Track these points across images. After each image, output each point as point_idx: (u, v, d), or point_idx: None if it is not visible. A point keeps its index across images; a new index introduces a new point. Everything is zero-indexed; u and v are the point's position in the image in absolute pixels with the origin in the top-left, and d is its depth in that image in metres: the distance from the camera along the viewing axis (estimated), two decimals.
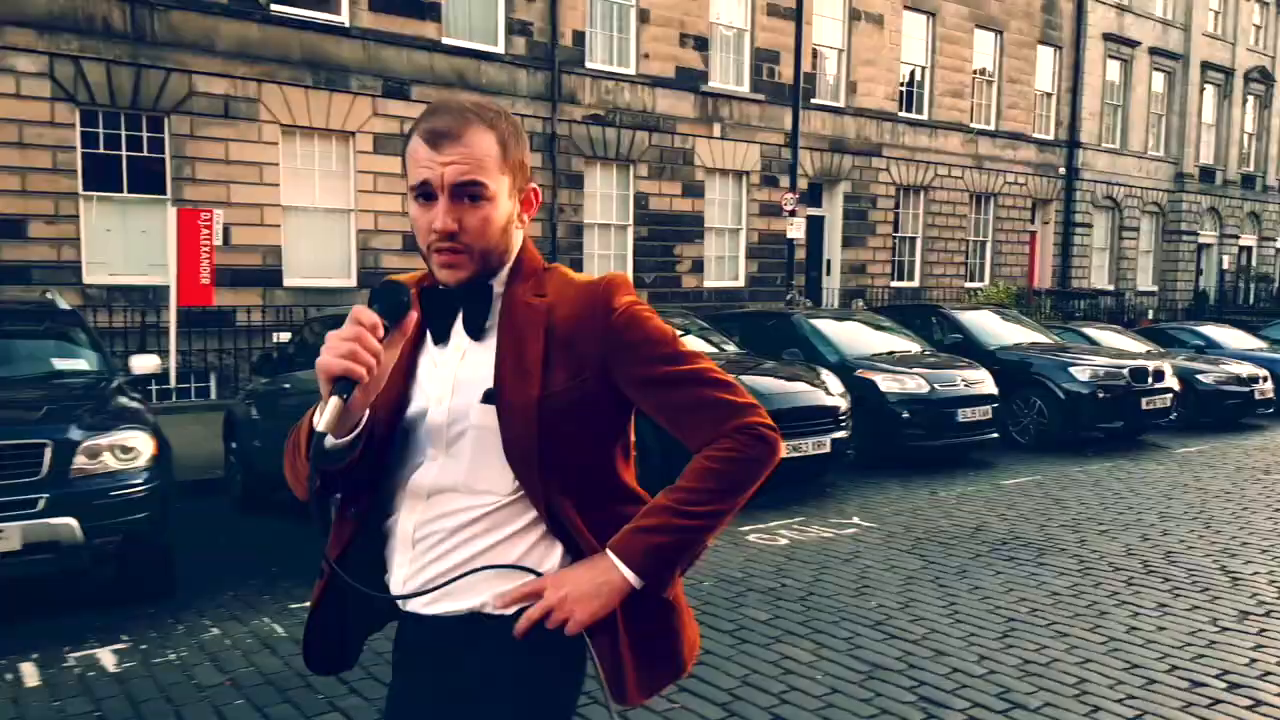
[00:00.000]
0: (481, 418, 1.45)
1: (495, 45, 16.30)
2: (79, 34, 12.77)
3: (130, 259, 13.60)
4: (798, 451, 6.87)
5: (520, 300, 1.49)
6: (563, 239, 17.28)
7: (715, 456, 1.44)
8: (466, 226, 1.43)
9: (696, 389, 1.46)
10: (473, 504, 1.47)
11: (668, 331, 1.49)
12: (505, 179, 1.46)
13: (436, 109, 1.45)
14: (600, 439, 1.51)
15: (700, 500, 1.42)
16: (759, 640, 4.24)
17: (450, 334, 1.51)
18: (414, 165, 1.44)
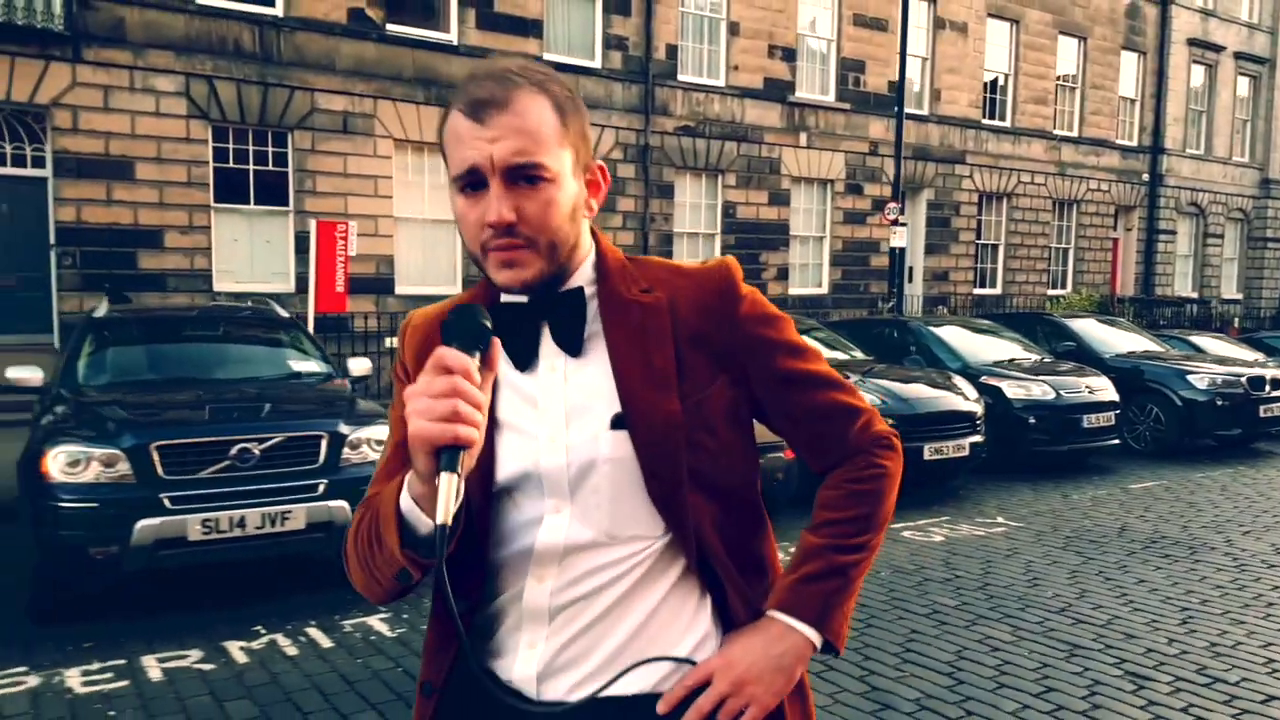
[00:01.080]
0: (615, 448, 1.19)
1: (593, 60, 16.82)
2: (213, 55, 13.55)
3: (254, 268, 14.35)
4: (940, 454, 7.18)
5: (626, 298, 1.23)
6: (654, 247, 17.70)
7: (863, 477, 1.26)
8: (527, 215, 1.15)
9: (825, 391, 1.28)
10: (620, 556, 1.20)
11: (784, 317, 1.31)
12: (567, 153, 1.17)
13: (475, 75, 1.20)
14: (741, 453, 1.27)
15: (860, 530, 1.24)
16: (958, 623, 4.58)
17: (536, 354, 1.23)
18: (455, 148, 1.19)
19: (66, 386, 5.03)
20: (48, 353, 12.89)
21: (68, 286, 12.99)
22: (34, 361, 10.86)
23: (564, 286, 1.23)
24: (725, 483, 1.24)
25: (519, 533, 1.21)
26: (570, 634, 1.20)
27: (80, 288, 13.04)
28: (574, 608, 1.20)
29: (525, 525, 1.20)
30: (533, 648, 1.22)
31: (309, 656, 4.18)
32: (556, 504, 1.20)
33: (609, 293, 1.24)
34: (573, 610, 1.20)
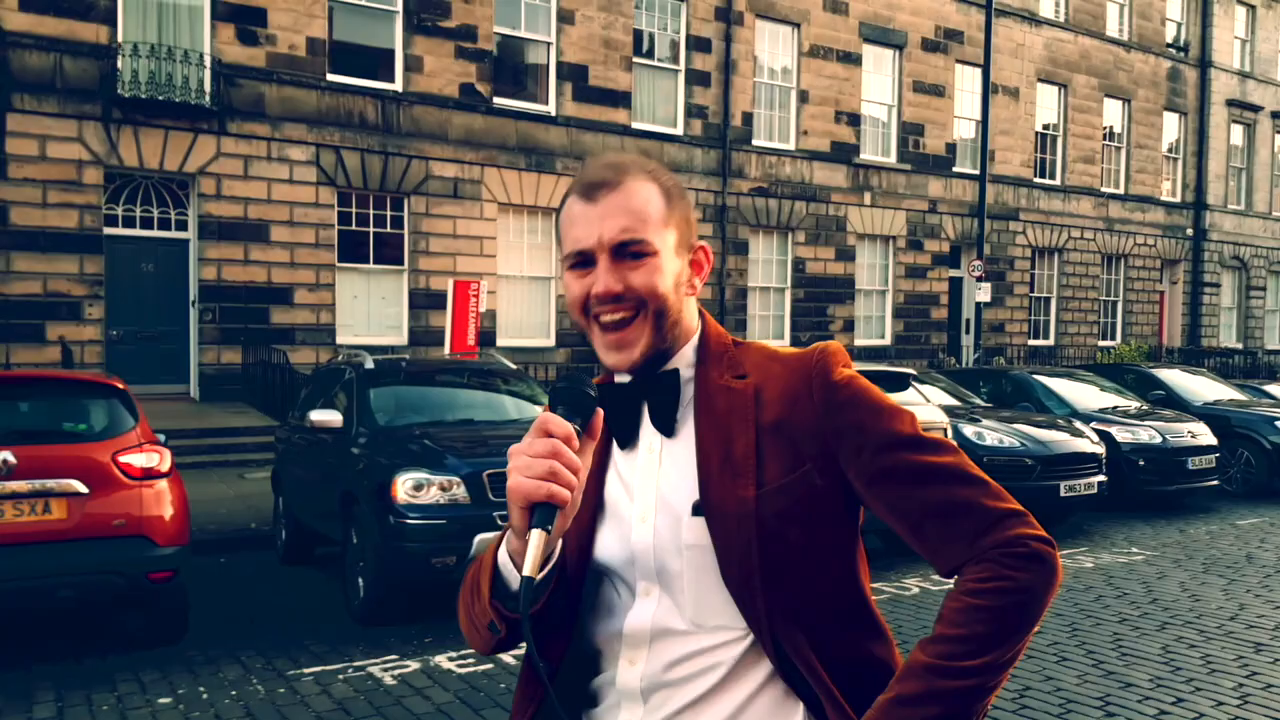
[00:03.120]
0: (695, 535, 1.19)
1: (675, 128, 17.96)
2: (340, 127, 14.73)
3: (371, 322, 15.37)
4: (1073, 491, 7.98)
5: (717, 384, 1.24)
6: (729, 301, 18.66)
7: (982, 589, 1.12)
8: (632, 284, 1.19)
9: (947, 487, 1.17)
10: (707, 646, 1.19)
11: (905, 412, 1.23)
12: (671, 233, 1.23)
13: (591, 163, 1.27)
14: (834, 549, 1.21)
15: (971, 652, 1.11)
16: (1148, 627, 5.36)
17: (638, 434, 1.26)
18: (568, 229, 1.24)
19: (366, 425, 5.92)
20: (185, 401, 13.89)
21: (208, 340, 14.03)
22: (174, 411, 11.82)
23: (665, 366, 1.24)
24: (812, 580, 1.18)
25: (613, 613, 1.23)
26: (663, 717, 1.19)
27: (219, 341, 14.09)
28: (664, 692, 1.19)
29: (619, 606, 1.23)
30: None
31: None
32: (646, 587, 1.21)
33: (703, 378, 1.25)
34: (664, 694, 1.19)
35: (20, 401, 4.91)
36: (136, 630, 5.20)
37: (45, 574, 4.45)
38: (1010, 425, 8.31)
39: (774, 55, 19.14)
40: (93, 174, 13.15)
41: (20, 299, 12.73)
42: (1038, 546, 1.14)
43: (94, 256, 13.19)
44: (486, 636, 1.21)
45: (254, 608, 5.94)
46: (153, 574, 4.66)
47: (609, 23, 16.97)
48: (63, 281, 13.00)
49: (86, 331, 13.10)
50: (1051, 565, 1.15)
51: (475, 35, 15.70)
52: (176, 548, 4.79)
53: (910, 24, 20.60)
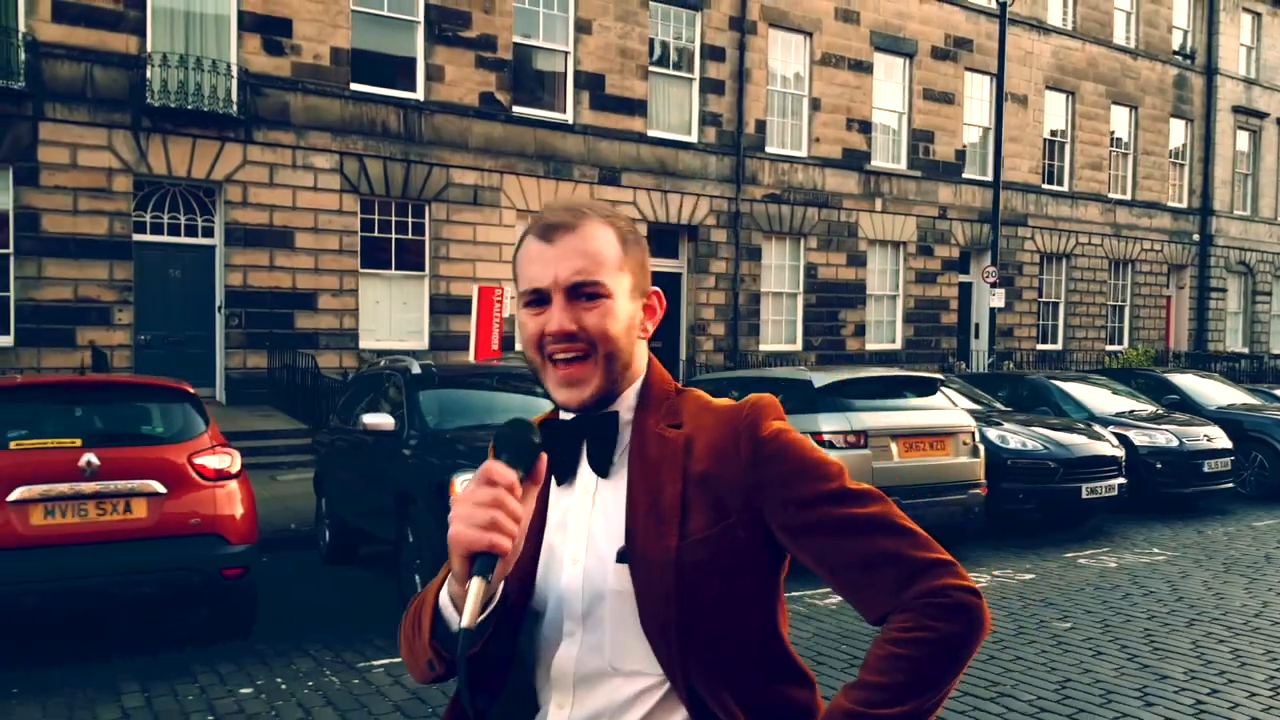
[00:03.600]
0: (618, 581, 1.21)
1: (690, 135, 18.19)
2: (363, 135, 14.96)
3: (393, 327, 15.60)
4: (1094, 494, 8.18)
5: (652, 432, 1.26)
6: (743, 306, 18.87)
7: (902, 639, 1.13)
8: (585, 324, 1.22)
9: (873, 537, 1.17)
10: (628, 692, 1.21)
11: (831, 463, 1.23)
12: (625, 277, 1.26)
13: (550, 207, 1.30)
14: (753, 600, 1.23)
15: (891, 700, 1.12)
16: (1178, 623, 5.57)
17: (576, 472, 1.28)
18: (524, 267, 1.26)
19: (417, 427, 6.13)
20: (211, 405, 14.09)
21: (234, 345, 14.25)
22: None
23: (609, 408, 1.27)
24: (730, 630, 1.20)
25: (543, 650, 1.25)
26: None
27: (245, 346, 14.31)
28: None
29: (548, 643, 1.24)
30: None
31: None
32: (571, 627, 1.23)
33: (640, 425, 1.27)
34: None
35: (99, 405, 5.12)
36: (204, 625, 5.41)
37: (128, 570, 4.66)
38: (1032, 429, 8.51)
39: (787, 64, 19.37)
40: (122, 182, 13.38)
41: (52, 304, 12.96)
42: (962, 597, 1.15)
43: (123, 263, 13.41)
44: (424, 671, 1.23)
45: (307, 605, 6.15)
46: (226, 570, 4.87)
47: (625, 32, 17.20)
48: (93, 287, 13.23)
49: (116, 336, 13.32)
50: (975, 615, 1.15)
51: (495, 45, 15.94)
52: (247, 545, 5.00)
53: (920, 32, 20.83)
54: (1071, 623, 5.60)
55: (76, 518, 4.57)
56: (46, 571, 4.50)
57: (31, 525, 4.49)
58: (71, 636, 5.35)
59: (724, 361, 18.48)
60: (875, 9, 20.15)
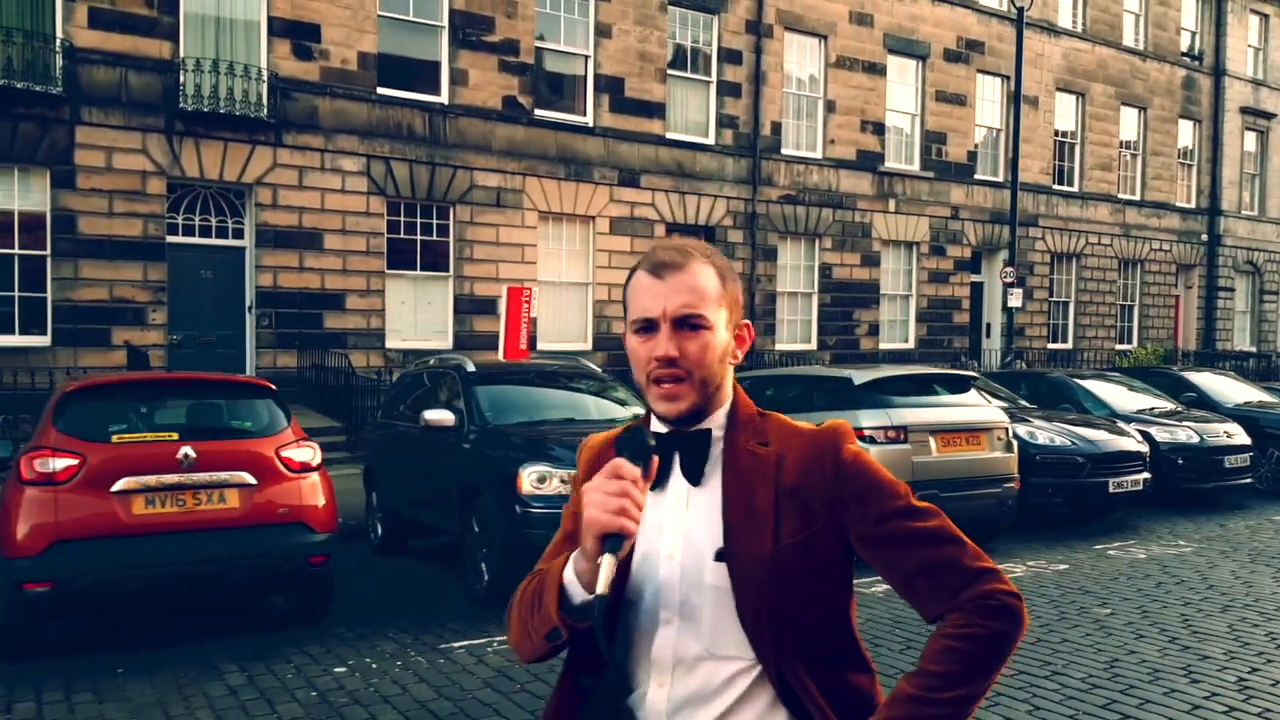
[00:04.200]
0: (716, 577, 1.38)
1: (707, 137, 18.43)
2: (389, 139, 15.21)
3: (418, 327, 15.85)
4: (1121, 488, 8.43)
5: (744, 448, 1.44)
6: (759, 306, 19.11)
7: (957, 634, 1.33)
8: (686, 353, 1.40)
9: (932, 548, 1.37)
10: (723, 674, 1.38)
11: (899, 484, 1.43)
12: (723, 311, 1.45)
13: (660, 248, 1.48)
14: (832, 596, 1.42)
15: (946, 685, 1.31)
16: (1212, 609, 5.83)
17: (668, 479, 1.45)
18: (636, 298, 1.44)
19: (477, 423, 6.38)
20: None
21: (264, 344, 14.50)
22: None
23: (700, 425, 1.44)
24: (814, 621, 1.38)
25: (642, 637, 1.41)
26: None
27: (275, 345, 14.56)
28: (686, 712, 1.38)
29: (647, 629, 1.41)
30: None
31: None
32: (668, 616, 1.39)
33: (731, 442, 1.44)
34: (686, 715, 1.38)
35: (191, 401, 5.37)
36: (281, 610, 5.66)
37: (223, 557, 4.91)
38: (1059, 425, 8.76)
39: (802, 66, 19.62)
40: (156, 184, 13.63)
41: (88, 305, 13.22)
42: (1007, 600, 1.34)
43: (157, 264, 13.66)
44: (539, 645, 1.39)
45: (371, 593, 6.40)
46: (311, 558, 5.12)
47: (644, 36, 17.45)
48: (127, 288, 13.48)
49: (150, 336, 13.57)
50: (1018, 616, 1.34)
51: (517, 49, 16.19)
52: (329, 534, 5.25)
53: (933, 35, 21.07)
54: (1111, 609, 5.86)
55: (175, 507, 4.82)
56: (148, 558, 4.75)
57: (133, 514, 4.74)
58: (164, 620, 5.60)
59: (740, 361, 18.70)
60: (889, 12, 20.39)
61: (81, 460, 4.68)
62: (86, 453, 4.71)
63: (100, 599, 4.86)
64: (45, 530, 4.56)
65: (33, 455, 4.70)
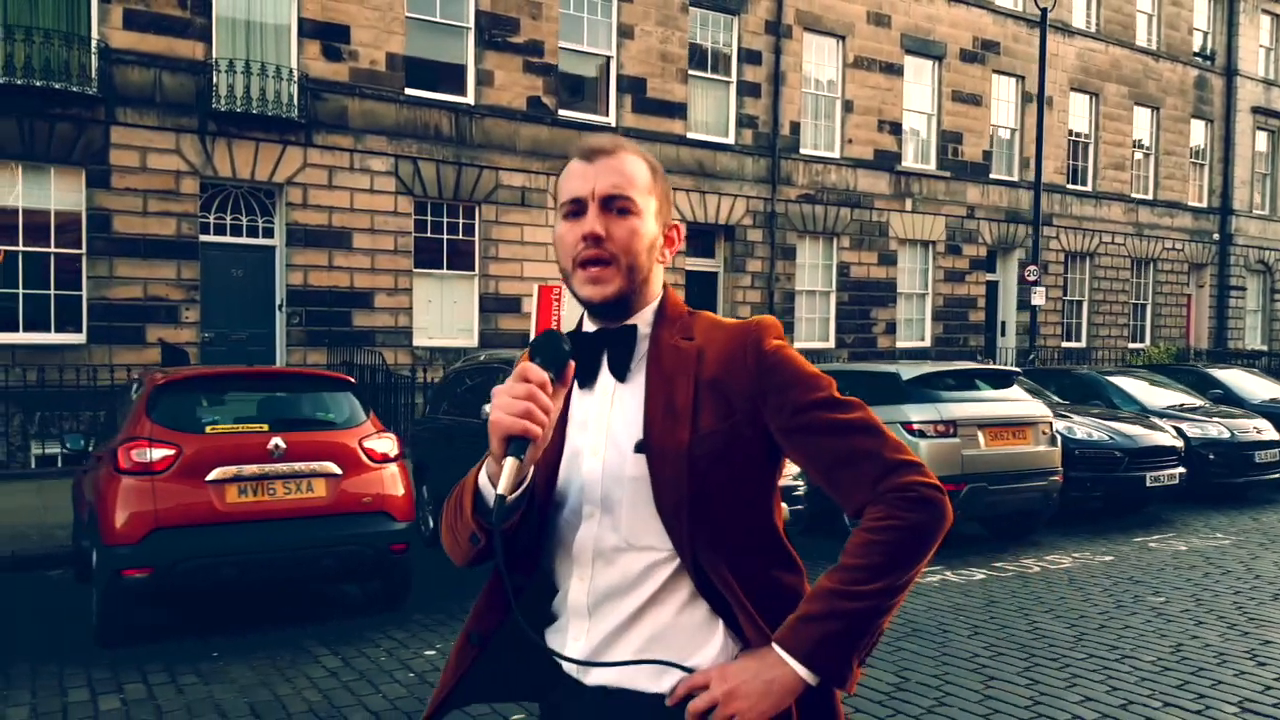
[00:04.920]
0: (636, 468, 1.38)
1: (727, 137, 18.57)
2: (417, 139, 15.35)
3: (444, 325, 15.99)
4: (1158, 482, 8.58)
5: (667, 343, 1.43)
6: (778, 304, 19.25)
7: (876, 527, 1.31)
8: (613, 235, 1.39)
9: (852, 438, 1.36)
10: (641, 565, 1.38)
11: (822, 376, 1.41)
12: (652, 200, 1.44)
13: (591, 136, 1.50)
14: (753, 491, 1.41)
15: (867, 579, 1.29)
16: (1263, 596, 5.98)
17: (596, 377, 1.45)
18: (566, 184, 1.44)
19: None
20: None
21: (295, 342, 14.64)
22: None
23: (627, 321, 1.45)
24: (732, 513, 1.37)
25: (564, 531, 1.42)
26: (605, 630, 1.39)
27: (305, 343, 14.70)
28: (606, 605, 1.39)
29: (570, 524, 1.41)
30: (578, 639, 1.41)
31: None
32: (590, 510, 1.40)
33: (656, 337, 1.44)
34: (606, 608, 1.39)
35: (278, 393, 5.52)
36: (357, 598, 5.81)
37: (312, 545, 5.06)
38: (1096, 420, 8.91)
39: (820, 67, 19.76)
40: (189, 184, 13.77)
41: (123, 303, 13.36)
42: (927, 492, 1.33)
43: (190, 262, 13.81)
44: (466, 548, 1.39)
45: (437, 581, 6.53)
46: (394, 546, 5.27)
47: (666, 37, 17.60)
48: (161, 286, 13.62)
49: (184, 334, 13.72)
50: (938, 508, 1.33)
51: (542, 50, 16.33)
52: (409, 523, 5.40)
53: (949, 35, 21.22)
54: (1165, 597, 6.00)
55: (266, 496, 4.97)
56: (242, 545, 4.90)
57: (227, 503, 4.89)
58: (244, 607, 5.75)
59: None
60: (906, 13, 20.53)
61: (178, 450, 4.82)
62: (182, 443, 4.86)
63: (197, 585, 5.01)
64: (145, 518, 4.71)
65: (130, 445, 4.84)
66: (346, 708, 4.11)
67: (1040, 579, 6.55)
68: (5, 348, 12.61)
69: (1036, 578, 6.59)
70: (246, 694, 4.27)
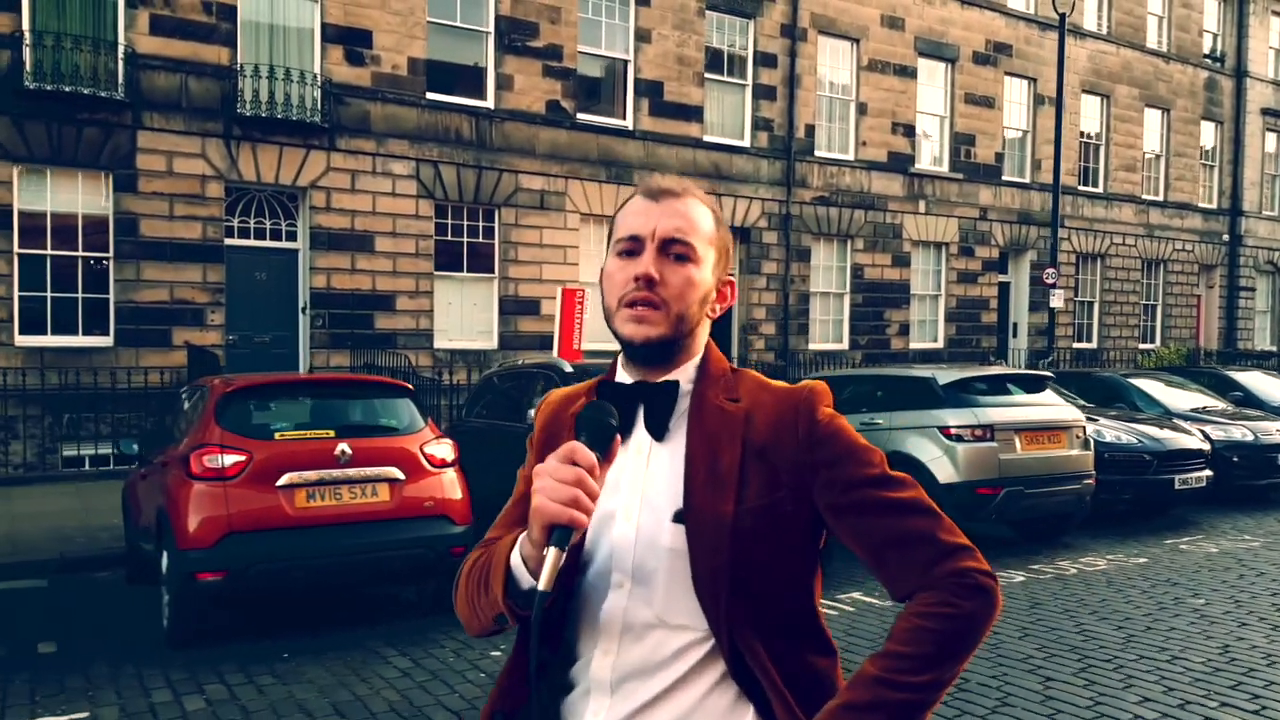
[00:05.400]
0: (674, 539, 1.28)
1: (743, 140, 18.69)
2: (438, 143, 15.47)
3: (464, 328, 16.11)
4: (1186, 485, 8.69)
5: (712, 403, 1.33)
6: (793, 306, 19.38)
7: (929, 614, 1.24)
8: (667, 280, 1.30)
9: (905, 519, 1.29)
10: (674, 644, 1.28)
11: (875, 450, 1.34)
12: (712, 252, 1.35)
13: (658, 177, 1.42)
14: (795, 568, 1.32)
15: (915, 669, 1.22)
16: None
17: (631, 433, 1.34)
18: (625, 220, 1.36)
19: None
20: None
21: (318, 345, 14.76)
22: None
23: (668, 375, 1.34)
24: (772, 594, 1.28)
25: (590, 599, 1.31)
26: (627, 710, 1.27)
27: (328, 346, 14.82)
28: (631, 684, 1.28)
29: (597, 593, 1.30)
30: (597, 716, 1.29)
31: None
32: (620, 579, 1.29)
33: (699, 395, 1.33)
34: (630, 686, 1.28)
35: (340, 400, 5.63)
36: (412, 600, 5.92)
37: (378, 548, 5.18)
38: (1125, 423, 9.02)
39: (835, 69, 19.87)
40: (214, 188, 13.89)
41: (149, 306, 13.48)
42: (983, 580, 1.25)
43: (215, 265, 13.93)
44: (487, 624, 1.32)
45: None
46: (454, 548, 5.38)
47: (683, 40, 17.71)
48: (187, 289, 13.75)
49: (209, 336, 13.84)
50: (993, 597, 1.26)
51: (561, 55, 16.45)
52: (467, 526, 5.52)
53: (962, 38, 21.33)
54: (1205, 599, 6.12)
55: (333, 501, 5.09)
56: (312, 549, 5.02)
57: (297, 507, 5.01)
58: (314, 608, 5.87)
59: (775, 360, 18.98)
60: (919, 15, 20.64)
61: (249, 456, 4.94)
62: (252, 449, 4.98)
63: (269, 588, 5.13)
64: (218, 523, 4.83)
65: (201, 452, 4.96)
66: (427, 707, 4.23)
67: (1079, 581, 6.66)
68: (34, 350, 12.74)
69: (1075, 580, 6.71)
70: (327, 694, 4.38)
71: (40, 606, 6.36)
